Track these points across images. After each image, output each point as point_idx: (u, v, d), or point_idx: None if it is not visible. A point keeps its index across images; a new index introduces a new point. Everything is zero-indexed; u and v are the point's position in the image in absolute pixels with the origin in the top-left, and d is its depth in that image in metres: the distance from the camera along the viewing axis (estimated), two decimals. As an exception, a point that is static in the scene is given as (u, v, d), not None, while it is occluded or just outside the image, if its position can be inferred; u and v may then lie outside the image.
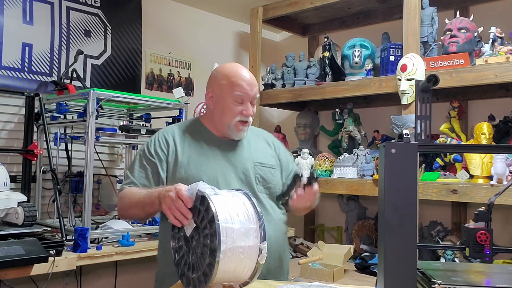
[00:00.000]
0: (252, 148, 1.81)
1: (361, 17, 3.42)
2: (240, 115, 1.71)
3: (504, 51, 2.32)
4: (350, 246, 2.81)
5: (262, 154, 1.81)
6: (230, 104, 1.71)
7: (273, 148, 1.88)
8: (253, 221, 1.33)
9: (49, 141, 2.41)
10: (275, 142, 1.92)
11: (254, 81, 1.75)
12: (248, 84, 1.72)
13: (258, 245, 1.32)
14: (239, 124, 1.72)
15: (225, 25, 3.86)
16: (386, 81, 2.69)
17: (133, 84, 3.20)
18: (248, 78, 1.73)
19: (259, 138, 1.88)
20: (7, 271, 1.90)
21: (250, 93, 1.72)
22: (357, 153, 2.87)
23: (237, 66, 1.78)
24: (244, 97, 1.71)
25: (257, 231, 1.32)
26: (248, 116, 1.73)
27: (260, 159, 1.79)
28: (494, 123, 2.58)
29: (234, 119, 1.71)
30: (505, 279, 1.24)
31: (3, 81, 2.63)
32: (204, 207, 1.30)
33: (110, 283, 2.96)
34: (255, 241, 1.31)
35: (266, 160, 1.80)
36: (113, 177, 3.04)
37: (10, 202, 2.09)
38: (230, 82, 1.72)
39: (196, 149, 1.74)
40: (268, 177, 1.77)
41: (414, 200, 1.04)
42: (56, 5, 2.86)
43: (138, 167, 1.72)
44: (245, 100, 1.72)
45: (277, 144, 1.92)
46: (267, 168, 1.78)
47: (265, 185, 1.76)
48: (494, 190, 2.12)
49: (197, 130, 1.80)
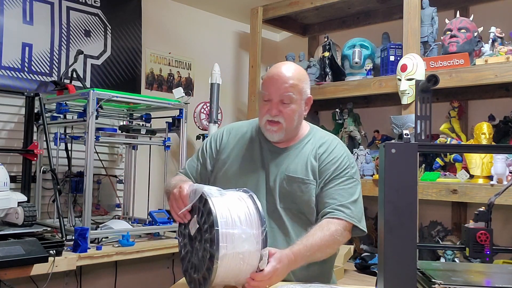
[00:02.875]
0: (294, 157, 1.66)
1: (361, 17, 3.42)
2: (267, 114, 1.62)
3: (504, 51, 2.32)
4: (350, 246, 2.81)
5: (299, 165, 1.64)
6: (260, 103, 1.66)
7: (316, 156, 1.66)
8: (256, 226, 1.30)
9: (49, 141, 2.41)
10: (326, 148, 1.67)
11: (286, 78, 1.60)
12: (275, 81, 1.61)
13: (260, 251, 1.30)
14: (267, 124, 1.63)
15: (225, 25, 3.86)
16: (386, 81, 2.69)
17: (133, 84, 3.19)
18: (277, 75, 1.61)
19: (313, 145, 1.69)
20: (7, 271, 1.90)
21: (276, 90, 1.60)
22: (357, 153, 2.88)
23: (278, 63, 1.68)
24: (269, 95, 1.61)
25: (258, 236, 1.29)
26: (273, 115, 1.61)
27: (293, 171, 1.63)
28: (494, 123, 2.58)
29: (262, 118, 1.64)
30: (505, 279, 1.24)
31: (3, 81, 2.63)
32: (206, 210, 1.29)
33: (110, 283, 2.95)
34: (256, 247, 1.29)
35: (299, 173, 1.63)
36: (113, 177, 3.04)
37: (10, 202, 2.09)
38: (263, 82, 1.69)
39: (240, 151, 1.71)
40: (295, 194, 1.61)
41: (414, 200, 1.04)
42: (56, 5, 2.86)
43: (194, 157, 1.80)
44: (271, 98, 1.61)
45: (327, 153, 1.66)
46: (297, 184, 1.61)
47: (290, 201, 1.61)
48: (494, 190, 2.12)
49: (252, 131, 1.76)
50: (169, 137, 2.77)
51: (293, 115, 1.63)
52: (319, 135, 1.74)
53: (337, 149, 1.68)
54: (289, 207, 1.62)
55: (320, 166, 1.64)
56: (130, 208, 2.94)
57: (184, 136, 2.73)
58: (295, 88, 1.61)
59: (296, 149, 1.68)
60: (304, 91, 1.65)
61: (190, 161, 1.81)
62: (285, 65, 1.66)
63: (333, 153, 1.66)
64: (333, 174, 1.63)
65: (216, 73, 3.08)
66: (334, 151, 1.67)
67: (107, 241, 2.47)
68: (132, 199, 2.94)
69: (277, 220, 1.61)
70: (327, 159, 1.65)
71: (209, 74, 3.11)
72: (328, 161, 1.65)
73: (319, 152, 1.66)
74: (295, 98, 1.61)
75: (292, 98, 1.60)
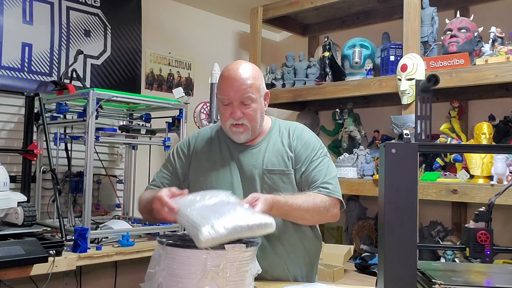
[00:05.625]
0: (266, 151, 1.67)
1: (361, 17, 3.42)
2: (230, 119, 1.62)
3: (504, 51, 2.32)
4: (350, 246, 2.81)
5: (274, 158, 1.66)
6: (221, 108, 1.65)
7: (290, 145, 1.68)
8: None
9: (49, 141, 2.40)
10: (296, 136, 1.70)
11: (242, 79, 1.59)
12: (232, 84, 1.59)
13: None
14: (232, 127, 1.64)
15: (225, 25, 3.86)
16: (386, 81, 2.69)
17: (133, 84, 3.19)
18: (232, 78, 1.59)
19: (280, 136, 1.72)
20: (7, 271, 1.89)
21: (235, 94, 1.59)
22: (357, 153, 2.87)
23: (230, 65, 1.65)
24: (229, 99, 1.60)
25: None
26: (236, 118, 1.60)
27: (271, 165, 1.65)
28: (494, 123, 2.58)
29: (226, 122, 1.64)
30: (505, 279, 1.24)
31: (3, 81, 2.63)
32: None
33: (110, 283, 2.95)
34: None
35: (278, 165, 1.65)
36: (113, 177, 3.03)
37: (10, 202, 2.09)
38: (218, 85, 1.66)
39: (209, 154, 1.72)
40: (278, 185, 1.63)
41: (414, 200, 1.04)
42: (56, 5, 2.86)
43: (162, 169, 1.79)
44: (232, 102, 1.61)
45: (298, 140, 1.70)
46: (278, 176, 1.64)
47: (274, 194, 1.61)
48: (494, 190, 2.12)
49: (218, 133, 1.76)
50: (169, 137, 2.76)
51: (256, 114, 1.64)
52: (283, 125, 1.77)
53: (305, 134, 1.73)
54: None
55: (296, 153, 1.67)
56: (130, 208, 2.94)
57: (184, 136, 2.73)
58: (253, 88, 1.61)
59: (265, 142, 1.70)
60: (262, 88, 1.67)
61: (159, 173, 1.78)
62: (238, 65, 1.64)
63: (303, 138, 1.70)
64: (309, 157, 1.67)
65: (216, 73, 3.08)
66: (303, 136, 1.71)
67: (107, 241, 2.47)
68: (132, 199, 2.94)
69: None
70: (300, 145, 1.69)
71: (209, 74, 3.11)
72: (301, 147, 1.68)
73: (291, 140, 1.70)
74: (255, 97, 1.62)
75: (252, 98, 1.61)
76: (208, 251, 1.21)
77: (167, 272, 1.27)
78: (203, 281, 1.21)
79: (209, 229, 1.20)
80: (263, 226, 1.31)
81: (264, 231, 1.32)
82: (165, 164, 1.80)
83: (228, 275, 1.23)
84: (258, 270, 1.35)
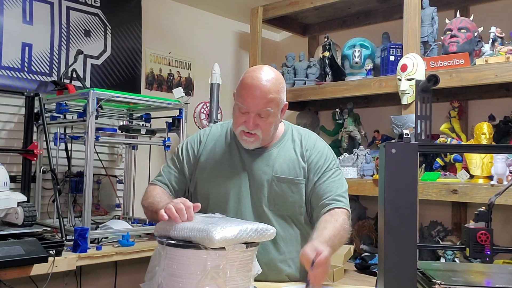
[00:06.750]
0: (277, 158, 1.65)
1: (361, 17, 3.42)
2: (243, 125, 1.59)
3: (504, 51, 2.31)
4: (350, 246, 2.81)
5: (285, 165, 1.64)
6: (236, 111, 1.61)
7: (303, 155, 1.67)
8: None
9: (49, 141, 2.40)
10: (310, 146, 1.69)
11: (264, 93, 1.54)
12: (253, 95, 1.54)
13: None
14: (243, 134, 1.61)
15: (225, 25, 3.86)
16: (386, 81, 2.69)
17: (133, 84, 3.19)
18: (254, 89, 1.54)
19: (293, 143, 1.70)
20: (7, 271, 1.89)
21: (255, 106, 1.55)
22: (357, 153, 2.87)
23: (254, 72, 1.59)
24: (247, 109, 1.57)
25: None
26: (250, 129, 1.58)
27: (281, 172, 1.63)
28: (494, 123, 2.58)
29: (238, 127, 1.61)
30: (505, 279, 1.24)
31: (3, 81, 2.62)
32: None
33: (110, 283, 2.95)
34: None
35: (288, 173, 1.63)
36: (113, 177, 3.03)
37: (10, 202, 2.09)
38: (238, 89, 1.60)
39: (219, 155, 1.69)
40: (286, 193, 1.62)
41: (414, 200, 1.04)
42: (56, 5, 2.86)
43: (170, 163, 1.77)
44: (248, 111, 1.57)
45: (311, 150, 1.68)
46: (286, 184, 1.62)
47: (279, 202, 1.63)
48: (494, 190, 2.12)
49: (227, 135, 1.74)
50: (169, 137, 2.76)
51: (270, 127, 1.61)
52: (296, 131, 1.74)
53: (318, 143, 1.71)
54: (276, 208, 1.63)
55: (309, 163, 1.66)
56: (130, 208, 2.94)
57: (184, 136, 2.73)
58: (274, 102, 1.57)
59: (276, 148, 1.68)
60: (282, 101, 1.63)
61: (165, 168, 1.77)
62: (262, 74, 1.57)
63: (316, 148, 1.69)
64: (323, 167, 1.65)
65: (216, 73, 3.08)
66: (316, 146, 1.69)
67: (107, 241, 2.46)
68: (132, 199, 2.94)
69: (265, 222, 1.60)
70: (313, 155, 1.67)
71: (209, 74, 3.11)
72: (315, 157, 1.67)
73: (305, 150, 1.68)
74: (273, 111, 1.59)
75: (270, 113, 1.58)
76: (208, 251, 1.21)
77: (167, 272, 1.27)
78: (203, 281, 1.21)
79: (220, 230, 1.21)
80: (265, 230, 1.34)
81: (269, 237, 1.36)
82: (173, 159, 1.78)
83: (228, 275, 1.23)
84: (258, 270, 1.36)
